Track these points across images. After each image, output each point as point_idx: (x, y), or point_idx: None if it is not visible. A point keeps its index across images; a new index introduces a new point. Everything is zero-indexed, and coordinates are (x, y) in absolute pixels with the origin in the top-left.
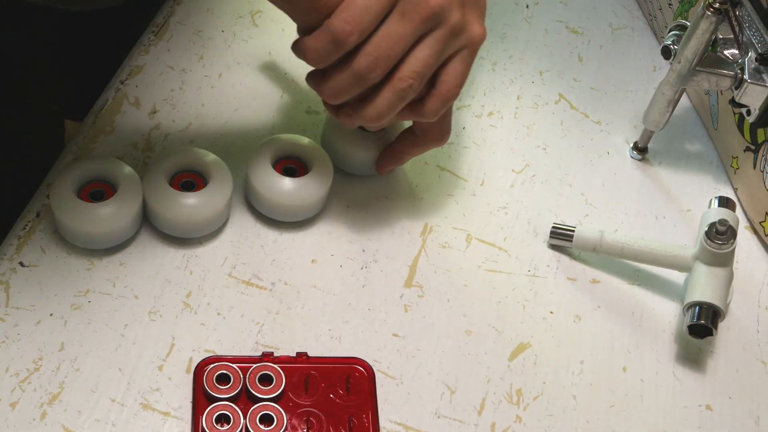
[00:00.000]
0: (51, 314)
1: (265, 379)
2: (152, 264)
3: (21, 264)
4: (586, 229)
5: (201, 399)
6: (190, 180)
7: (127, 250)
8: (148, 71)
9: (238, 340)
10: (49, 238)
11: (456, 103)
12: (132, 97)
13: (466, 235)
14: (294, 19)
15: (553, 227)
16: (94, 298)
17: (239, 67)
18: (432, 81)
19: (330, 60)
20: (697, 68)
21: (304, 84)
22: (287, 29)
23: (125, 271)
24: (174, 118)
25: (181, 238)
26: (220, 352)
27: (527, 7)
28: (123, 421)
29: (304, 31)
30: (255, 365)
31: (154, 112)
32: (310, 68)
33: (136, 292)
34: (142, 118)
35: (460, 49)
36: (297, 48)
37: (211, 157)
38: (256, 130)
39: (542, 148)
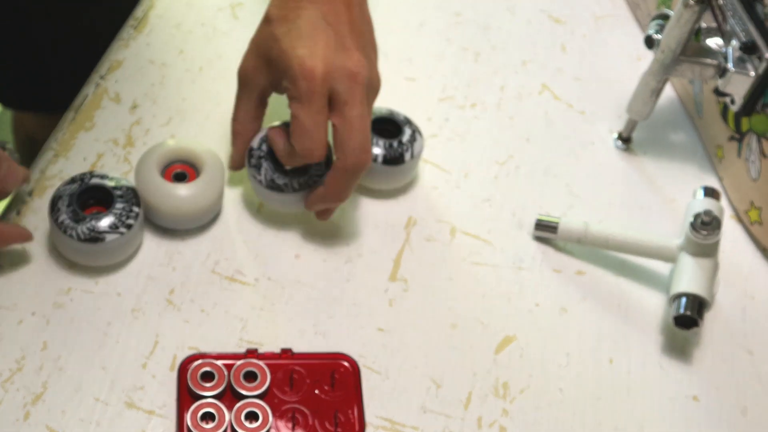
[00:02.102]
0: (33, 313)
1: (250, 376)
2: (135, 261)
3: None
4: (570, 221)
5: (185, 397)
6: (182, 171)
7: None
8: (127, 66)
9: (222, 337)
10: None
11: (439, 95)
12: (112, 92)
13: (450, 228)
14: None
15: (538, 219)
16: (76, 297)
17: (220, 60)
18: None
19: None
20: (680, 58)
21: None
22: None
23: (107, 269)
24: (155, 113)
25: (164, 234)
26: (204, 350)
27: None
28: (107, 420)
29: None
30: (239, 362)
31: (135, 107)
32: None
33: (118, 289)
34: (123, 114)
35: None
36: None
37: (204, 148)
38: None
39: (526, 139)
